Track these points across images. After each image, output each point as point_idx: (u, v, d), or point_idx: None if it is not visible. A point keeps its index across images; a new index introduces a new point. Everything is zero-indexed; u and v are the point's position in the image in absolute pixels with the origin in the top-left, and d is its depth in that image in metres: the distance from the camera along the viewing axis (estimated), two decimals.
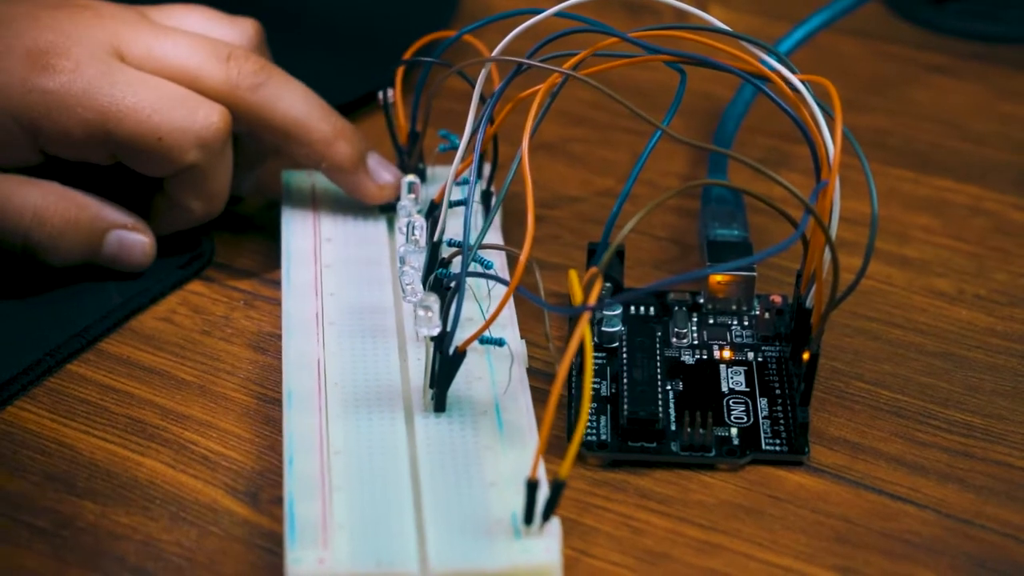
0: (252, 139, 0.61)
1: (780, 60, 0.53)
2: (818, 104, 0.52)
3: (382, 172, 0.62)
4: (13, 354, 0.56)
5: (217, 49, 0.59)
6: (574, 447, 0.46)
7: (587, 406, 0.47)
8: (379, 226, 0.62)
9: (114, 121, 0.57)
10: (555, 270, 0.61)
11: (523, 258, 0.50)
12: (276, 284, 0.60)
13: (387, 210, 0.63)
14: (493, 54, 0.56)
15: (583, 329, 0.47)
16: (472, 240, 0.53)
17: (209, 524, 0.51)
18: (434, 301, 0.51)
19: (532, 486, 0.47)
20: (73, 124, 0.57)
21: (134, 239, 0.59)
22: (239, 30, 0.62)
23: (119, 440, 0.54)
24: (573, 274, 0.50)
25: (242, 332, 0.58)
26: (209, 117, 0.58)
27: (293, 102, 0.60)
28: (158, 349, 0.58)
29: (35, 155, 0.58)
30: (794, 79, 0.53)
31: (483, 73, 0.56)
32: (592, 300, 0.48)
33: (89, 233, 0.59)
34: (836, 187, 0.51)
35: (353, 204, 0.63)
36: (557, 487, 0.47)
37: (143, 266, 0.60)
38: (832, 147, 0.52)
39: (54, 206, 0.58)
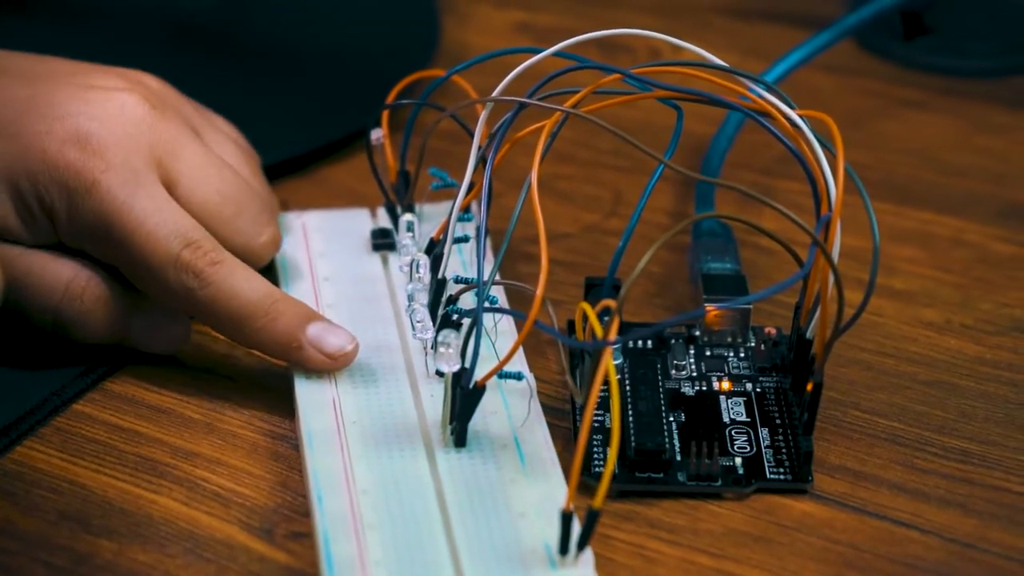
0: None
1: (778, 95, 0.54)
2: (817, 139, 0.54)
3: (328, 340, 0.56)
4: (20, 394, 0.56)
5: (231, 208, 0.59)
6: (606, 479, 0.47)
7: (616, 439, 0.48)
8: (374, 263, 0.63)
9: (117, 237, 0.56)
10: (560, 305, 0.62)
11: (539, 292, 0.51)
12: None
13: (381, 248, 0.63)
14: (494, 94, 0.56)
15: (607, 363, 0.48)
16: (486, 276, 0.54)
17: (226, 560, 0.51)
18: (454, 338, 0.52)
19: (567, 517, 0.48)
20: (83, 225, 0.56)
21: (164, 324, 0.58)
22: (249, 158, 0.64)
23: (131, 478, 0.54)
24: (587, 307, 0.51)
25: (246, 370, 0.59)
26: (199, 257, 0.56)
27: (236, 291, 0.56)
28: (163, 387, 0.58)
29: (54, 233, 0.57)
30: (793, 115, 0.54)
31: (484, 113, 0.57)
32: (612, 335, 0.49)
33: (121, 313, 0.58)
34: (838, 222, 0.52)
35: (344, 242, 0.64)
36: (592, 517, 0.48)
37: (169, 352, 0.59)
38: (832, 182, 0.53)
39: (86, 282, 0.57)
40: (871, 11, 0.76)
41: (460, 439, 0.54)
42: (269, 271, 0.63)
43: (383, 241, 0.63)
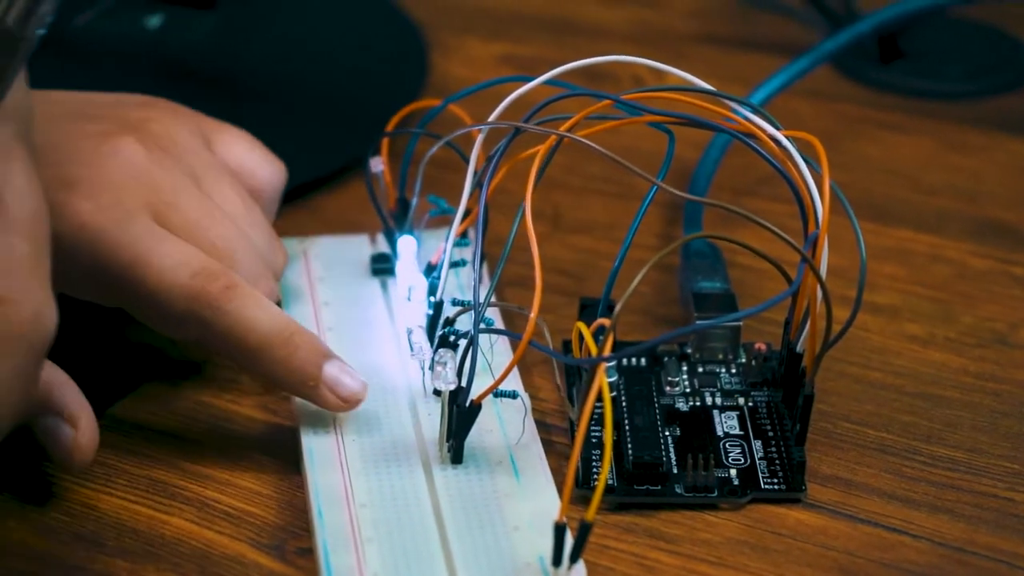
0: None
1: (764, 117, 0.56)
2: (803, 158, 0.55)
3: (345, 380, 0.56)
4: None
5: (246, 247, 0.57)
6: (599, 491, 0.49)
7: (609, 452, 0.49)
8: (373, 286, 0.64)
9: (117, 275, 0.54)
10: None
11: (533, 314, 0.53)
12: None
13: (380, 272, 0.65)
14: (489, 119, 0.58)
15: (600, 380, 0.50)
16: (481, 297, 0.55)
17: None
18: (451, 357, 0.54)
19: (560, 529, 0.50)
20: (79, 271, 0.54)
21: (63, 430, 0.54)
22: (274, 169, 0.63)
23: (142, 500, 0.55)
24: (583, 326, 0.53)
25: (249, 393, 0.60)
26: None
27: (251, 321, 0.55)
28: (168, 412, 0.59)
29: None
30: (779, 135, 0.56)
31: (479, 139, 0.58)
32: (607, 352, 0.50)
33: (32, 409, 0.53)
34: (824, 239, 0.54)
35: (344, 267, 0.65)
36: (585, 529, 0.49)
37: (64, 462, 0.54)
38: (819, 200, 0.55)
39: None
40: (849, 36, 0.78)
41: (457, 456, 0.55)
42: None
43: (382, 266, 0.65)
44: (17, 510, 0.55)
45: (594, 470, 0.56)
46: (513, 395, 0.56)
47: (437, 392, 0.58)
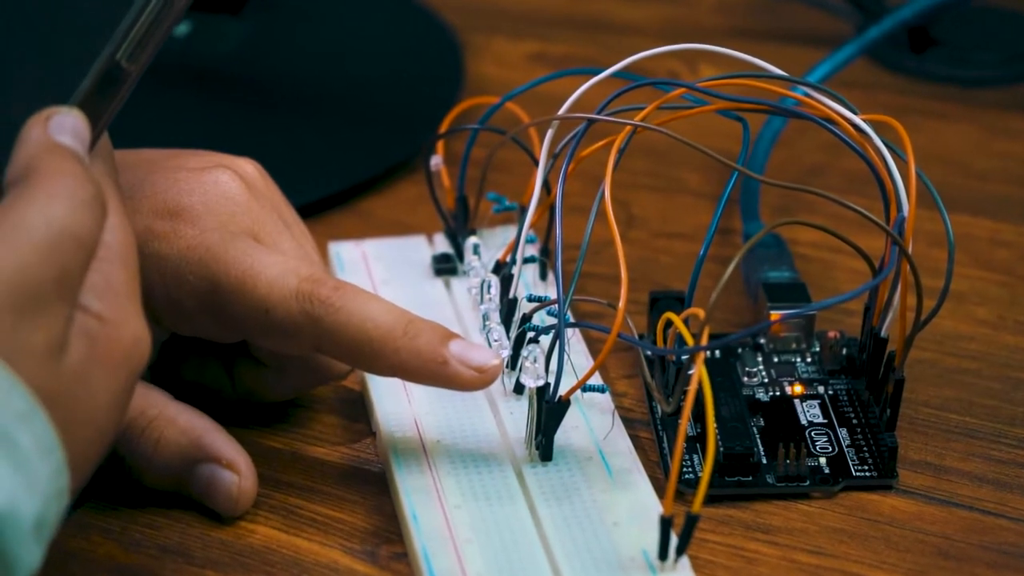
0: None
1: (841, 102, 0.56)
2: (885, 144, 0.55)
3: (472, 355, 0.53)
4: None
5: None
6: (704, 483, 0.48)
7: (712, 443, 0.49)
8: (437, 287, 0.63)
9: (225, 290, 0.53)
10: (600, 318, 0.62)
11: (621, 305, 0.52)
12: None
13: (443, 272, 0.64)
14: (559, 113, 0.57)
15: (700, 370, 0.49)
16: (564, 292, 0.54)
17: None
18: (539, 354, 0.53)
19: (666, 522, 0.49)
20: (184, 295, 0.54)
21: (223, 477, 0.54)
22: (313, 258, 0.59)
23: None
24: (674, 317, 0.52)
25: (323, 399, 0.59)
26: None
27: (368, 314, 0.53)
28: (244, 419, 0.58)
29: (156, 328, 0.53)
30: (858, 120, 0.55)
31: (550, 133, 0.58)
32: (704, 342, 0.50)
33: (182, 461, 0.53)
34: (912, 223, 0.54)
35: (405, 269, 0.64)
36: (691, 521, 0.49)
37: (228, 511, 0.54)
38: (902, 186, 0.54)
39: (148, 423, 0.53)
40: (892, 23, 0.77)
41: (546, 453, 0.54)
42: None
43: (445, 266, 0.64)
44: (101, 523, 0.53)
45: (684, 464, 0.55)
46: (602, 389, 0.55)
47: (517, 390, 0.57)
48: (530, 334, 0.56)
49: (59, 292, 0.43)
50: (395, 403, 0.57)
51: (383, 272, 0.64)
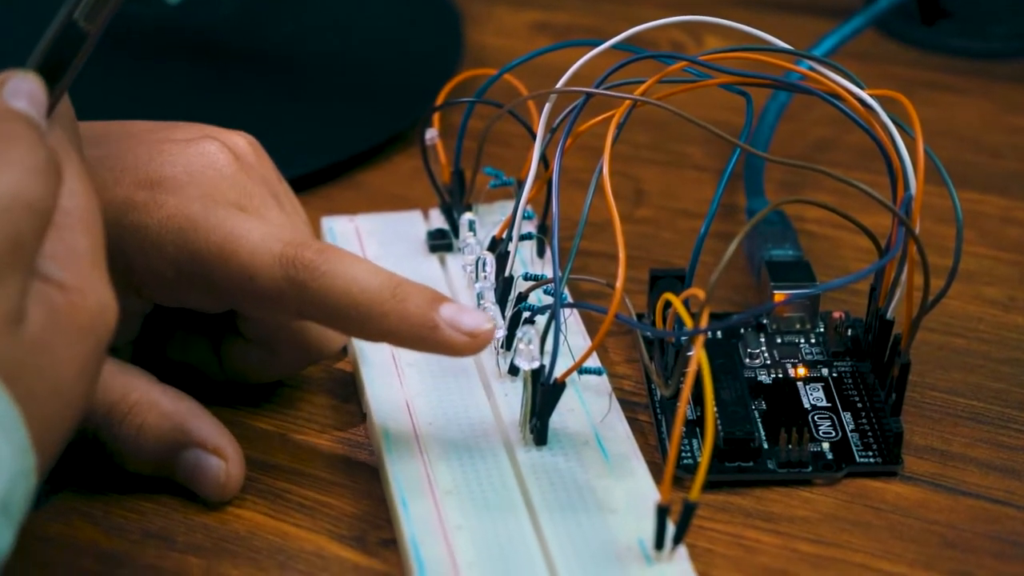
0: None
1: (848, 76, 0.54)
2: (892, 120, 0.53)
3: (464, 319, 0.51)
4: None
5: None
6: (702, 470, 0.46)
7: (711, 427, 0.47)
8: (432, 264, 0.62)
9: (206, 257, 0.52)
10: (600, 297, 0.61)
11: (619, 284, 0.51)
12: None
13: (438, 248, 0.62)
14: (557, 86, 0.56)
15: (699, 353, 0.47)
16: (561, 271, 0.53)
17: (319, 571, 0.50)
18: (534, 335, 0.51)
19: (663, 511, 0.47)
20: (166, 264, 0.52)
21: (210, 462, 0.52)
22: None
23: None
24: (673, 297, 0.50)
25: (314, 380, 0.58)
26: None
27: (353, 277, 0.51)
28: (231, 399, 0.57)
29: (138, 300, 0.53)
30: (865, 95, 0.53)
31: (547, 106, 0.56)
32: (704, 323, 0.48)
33: (166, 447, 0.52)
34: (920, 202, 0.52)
35: (400, 245, 0.63)
36: (688, 510, 0.47)
37: (215, 497, 0.52)
38: (910, 163, 0.53)
39: (130, 408, 0.52)
40: None
41: (541, 437, 0.53)
42: None
43: (440, 242, 0.62)
44: (82, 507, 0.52)
45: (683, 450, 0.54)
46: (599, 371, 0.54)
47: (512, 371, 0.55)
48: (526, 314, 0.55)
49: (12, 261, 0.41)
50: (386, 385, 0.55)
51: (377, 248, 0.62)
